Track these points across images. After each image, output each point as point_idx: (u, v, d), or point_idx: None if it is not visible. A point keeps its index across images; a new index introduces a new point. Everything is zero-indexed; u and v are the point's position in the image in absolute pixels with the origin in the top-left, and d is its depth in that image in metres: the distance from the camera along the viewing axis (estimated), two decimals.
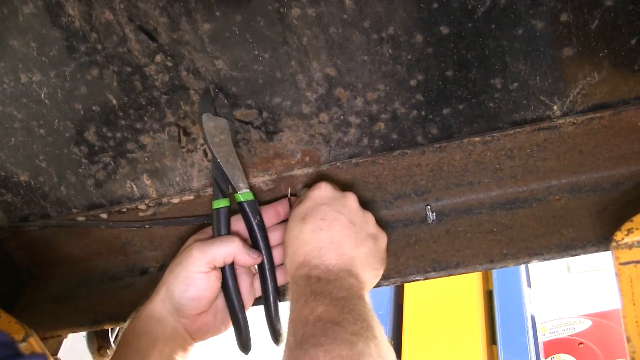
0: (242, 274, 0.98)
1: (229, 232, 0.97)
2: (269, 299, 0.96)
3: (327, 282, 0.82)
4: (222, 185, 0.95)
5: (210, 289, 0.93)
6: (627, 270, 0.80)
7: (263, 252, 0.96)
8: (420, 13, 0.83)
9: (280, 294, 0.98)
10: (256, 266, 0.97)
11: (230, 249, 0.93)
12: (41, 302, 1.13)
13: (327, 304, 0.78)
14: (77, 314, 1.09)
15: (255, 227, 0.95)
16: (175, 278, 0.92)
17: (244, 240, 0.95)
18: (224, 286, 0.95)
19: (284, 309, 0.88)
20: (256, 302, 1.00)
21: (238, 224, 0.98)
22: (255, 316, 0.98)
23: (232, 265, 0.95)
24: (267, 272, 0.96)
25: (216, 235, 0.96)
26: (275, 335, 0.96)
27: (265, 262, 0.96)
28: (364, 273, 0.87)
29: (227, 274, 0.95)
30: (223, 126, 0.93)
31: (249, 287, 0.98)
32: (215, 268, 0.93)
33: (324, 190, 0.92)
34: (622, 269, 0.81)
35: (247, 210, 0.95)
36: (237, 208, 0.96)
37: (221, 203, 0.96)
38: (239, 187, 0.94)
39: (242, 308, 0.96)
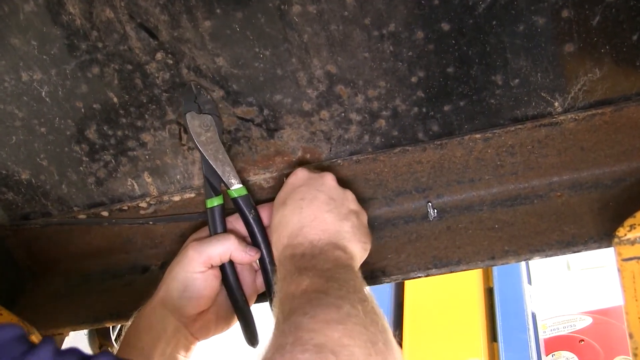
0: (244, 270, 0.98)
1: (225, 230, 0.97)
2: (272, 294, 0.96)
3: (311, 257, 0.82)
4: (214, 183, 0.95)
5: (209, 288, 0.93)
6: (630, 266, 0.80)
7: (262, 246, 0.96)
8: (421, 10, 0.83)
9: None
10: (258, 261, 0.97)
11: (226, 247, 0.93)
12: (42, 300, 1.13)
13: (312, 276, 0.78)
14: (78, 312, 1.09)
15: (252, 222, 0.95)
16: (173, 279, 0.93)
17: (241, 237, 0.95)
18: (226, 283, 0.95)
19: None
20: (261, 298, 1.00)
21: (236, 222, 0.98)
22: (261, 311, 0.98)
23: (231, 262, 0.95)
24: (269, 266, 0.96)
25: (212, 234, 0.96)
26: None
27: (265, 255, 0.96)
28: (351, 246, 0.87)
29: (228, 271, 0.95)
30: (208, 123, 0.93)
31: (251, 283, 0.98)
32: (212, 267, 0.93)
33: (300, 173, 0.93)
34: (625, 265, 0.81)
35: (242, 205, 0.95)
36: (232, 205, 0.96)
37: (214, 201, 0.96)
38: (230, 183, 0.95)
39: (246, 303, 0.96)
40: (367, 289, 0.80)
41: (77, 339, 1.16)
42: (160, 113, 0.95)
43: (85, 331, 1.18)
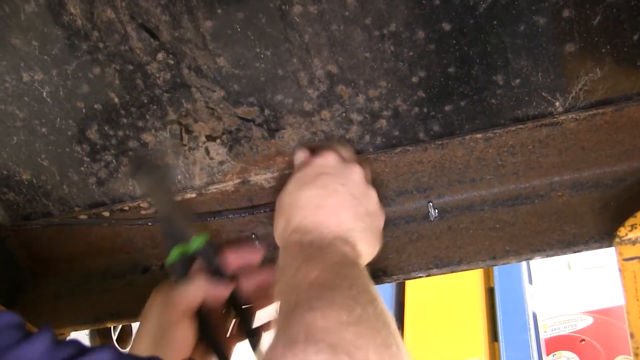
0: (218, 318, 0.95)
1: (191, 277, 0.94)
2: (251, 334, 0.95)
3: (319, 248, 0.80)
4: (173, 236, 0.94)
5: (185, 338, 0.89)
6: (631, 266, 0.80)
7: (231, 289, 0.93)
8: (422, 10, 0.83)
9: (258, 333, 0.95)
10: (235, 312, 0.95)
11: (198, 287, 0.91)
12: (43, 300, 1.13)
13: (321, 269, 0.76)
14: (79, 312, 1.09)
15: (217, 268, 0.93)
16: (147, 332, 0.90)
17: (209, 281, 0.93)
18: (202, 333, 0.91)
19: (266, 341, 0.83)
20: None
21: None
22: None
23: (205, 309, 0.92)
24: (241, 308, 0.94)
25: (177, 282, 0.93)
26: None
27: (237, 296, 0.94)
28: (360, 245, 0.85)
29: (202, 319, 0.91)
30: (159, 178, 0.93)
31: (227, 331, 0.96)
32: (185, 316, 0.89)
33: (329, 159, 0.90)
34: (626, 265, 0.81)
35: (204, 254, 0.93)
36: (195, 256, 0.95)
37: (175, 253, 0.93)
38: (189, 234, 0.93)
39: (224, 353, 0.93)
40: (375, 288, 0.78)
41: (78, 339, 1.16)
42: (161, 113, 0.95)
43: (87, 331, 1.18)
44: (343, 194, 0.87)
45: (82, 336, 1.17)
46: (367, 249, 0.87)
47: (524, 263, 1.90)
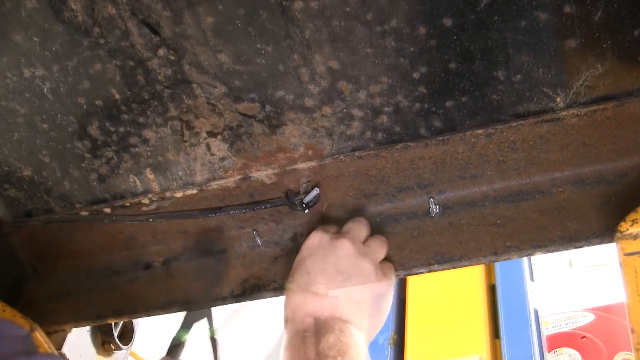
0: None
1: None
2: None
3: (315, 335, 0.83)
4: None
5: None
6: (632, 261, 0.80)
7: None
8: (423, 5, 0.83)
9: None
10: None
11: None
12: (45, 296, 1.13)
13: (317, 353, 0.79)
14: (81, 309, 1.09)
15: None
16: None
17: None
18: None
19: None
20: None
21: None
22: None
23: None
24: None
25: None
26: None
27: None
28: (359, 320, 0.86)
29: None
30: None
31: None
32: None
33: (313, 238, 0.93)
34: (627, 260, 0.81)
35: None
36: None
37: None
38: None
39: None
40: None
41: (80, 336, 1.16)
42: (162, 109, 0.95)
43: (88, 327, 1.18)
44: (329, 272, 0.89)
45: (83, 332, 1.17)
46: (369, 322, 0.88)
47: (525, 260, 1.90)
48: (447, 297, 1.81)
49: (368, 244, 0.94)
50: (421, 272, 0.95)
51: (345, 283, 0.88)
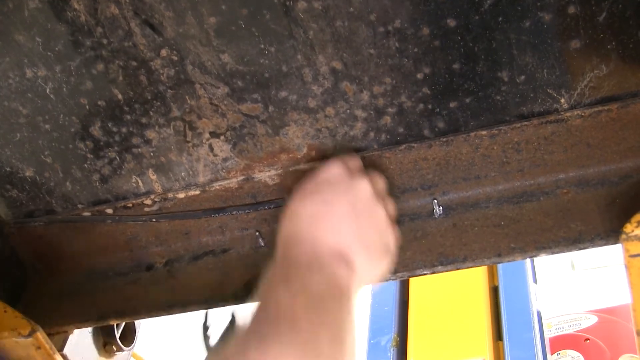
0: None
1: None
2: None
3: (307, 269, 0.78)
4: None
5: None
6: (637, 262, 0.80)
7: None
8: (427, 6, 0.83)
9: None
10: None
11: None
12: (46, 297, 1.13)
13: (295, 293, 0.75)
14: (83, 310, 1.09)
15: None
16: None
17: None
18: None
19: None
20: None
21: None
22: None
23: None
24: None
25: None
26: None
27: None
28: (359, 262, 0.82)
29: None
30: None
31: None
32: None
33: (334, 169, 0.88)
34: (632, 262, 0.80)
35: None
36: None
37: None
38: None
39: None
40: (352, 323, 0.77)
41: (82, 337, 1.16)
42: (165, 110, 0.95)
43: (90, 329, 1.18)
44: (344, 208, 0.84)
45: (85, 334, 1.16)
46: (367, 268, 0.85)
47: (528, 262, 1.90)
48: (450, 298, 1.80)
49: (382, 195, 0.91)
50: (424, 274, 0.94)
51: (360, 223, 0.84)
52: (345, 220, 0.84)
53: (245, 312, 0.79)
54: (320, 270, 0.79)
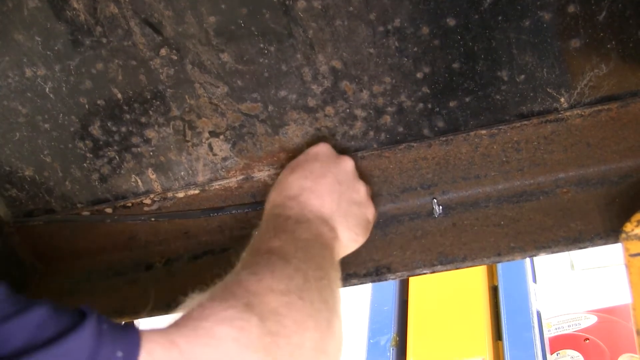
0: None
1: None
2: None
3: (295, 222, 0.82)
4: None
5: None
6: (637, 262, 0.80)
7: None
8: (427, 5, 0.83)
9: None
10: None
11: None
12: (46, 297, 1.12)
13: (285, 240, 0.78)
14: None
15: None
16: None
17: None
18: None
19: None
20: None
21: None
22: None
23: None
24: None
25: None
26: None
27: None
28: (341, 229, 0.87)
29: None
30: None
31: None
32: None
33: (322, 147, 0.93)
34: (632, 261, 0.80)
35: None
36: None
37: None
38: None
39: None
40: (336, 274, 0.81)
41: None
42: (164, 109, 0.95)
43: None
44: (330, 179, 0.89)
45: None
46: (348, 235, 0.88)
47: (527, 262, 1.90)
48: (449, 298, 1.80)
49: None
50: (424, 273, 0.94)
51: (342, 194, 0.89)
52: (329, 191, 0.88)
53: None
54: (307, 226, 0.83)
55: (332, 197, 0.87)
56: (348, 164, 0.92)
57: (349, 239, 0.89)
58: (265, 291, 0.69)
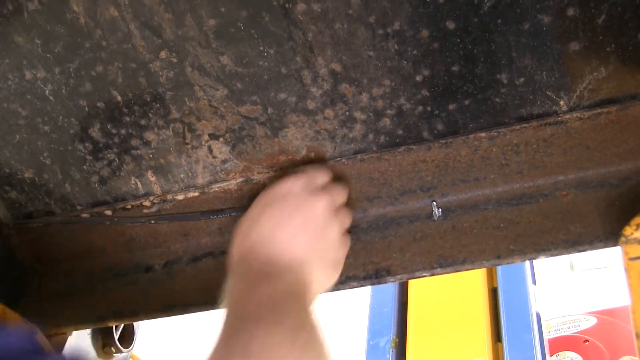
0: None
1: None
2: None
3: (268, 274, 0.82)
4: None
5: None
6: (637, 265, 0.80)
7: None
8: (426, 8, 0.83)
9: None
10: None
11: None
12: (45, 299, 1.13)
13: (258, 303, 0.78)
14: (82, 311, 1.09)
15: None
16: None
17: None
18: None
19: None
20: None
21: None
22: None
23: None
24: None
25: None
26: None
27: None
28: (313, 275, 0.86)
29: None
30: None
31: None
32: None
33: (294, 183, 0.91)
34: (632, 265, 0.80)
35: None
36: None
37: None
38: None
39: None
40: (314, 318, 0.80)
41: (80, 339, 1.16)
42: (164, 112, 0.95)
43: (89, 330, 1.18)
44: (300, 221, 0.87)
45: (84, 335, 1.16)
46: (321, 279, 0.88)
47: (527, 264, 1.90)
48: (449, 300, 1.80)
49: (340, 210, 0.94)
50: (424, 276, 0.94)
51: (314, 237, 0.87)
52: (301, 233, 0.87)
53: None
54: (282, 279, 0.82)
55: (304, 241, 0.86)
56: (321, 203, 0.89)
57: (321, 283, 0.88)
58: (278, 346, 0.72)
